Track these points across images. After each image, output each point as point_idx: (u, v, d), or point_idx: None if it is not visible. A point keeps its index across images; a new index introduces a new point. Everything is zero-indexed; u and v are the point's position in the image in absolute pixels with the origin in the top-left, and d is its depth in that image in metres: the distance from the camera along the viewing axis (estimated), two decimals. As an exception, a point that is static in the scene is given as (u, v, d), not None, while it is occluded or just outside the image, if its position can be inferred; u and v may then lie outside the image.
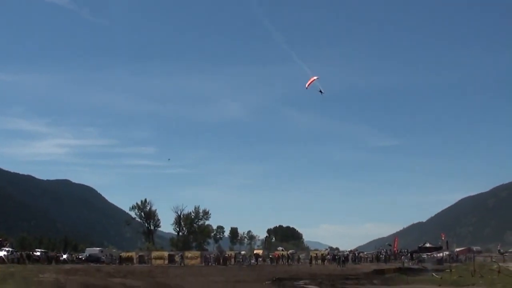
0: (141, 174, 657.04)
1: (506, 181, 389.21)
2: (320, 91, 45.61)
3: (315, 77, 45.58)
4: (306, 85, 45.43)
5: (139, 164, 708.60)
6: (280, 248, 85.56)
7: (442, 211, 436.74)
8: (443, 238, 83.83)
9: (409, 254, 71.58)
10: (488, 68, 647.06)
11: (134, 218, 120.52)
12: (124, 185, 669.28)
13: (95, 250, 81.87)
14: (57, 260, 65.49)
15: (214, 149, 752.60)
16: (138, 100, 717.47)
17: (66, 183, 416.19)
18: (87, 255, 75.07)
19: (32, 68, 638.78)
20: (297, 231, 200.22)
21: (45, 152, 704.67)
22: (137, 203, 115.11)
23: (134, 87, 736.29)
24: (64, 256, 71.31)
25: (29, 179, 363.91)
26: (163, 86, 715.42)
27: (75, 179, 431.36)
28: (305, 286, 36.41)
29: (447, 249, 70.60)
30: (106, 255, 76.78)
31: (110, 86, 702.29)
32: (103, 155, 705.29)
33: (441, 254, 63.41)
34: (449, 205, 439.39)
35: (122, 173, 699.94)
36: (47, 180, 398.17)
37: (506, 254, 58.52)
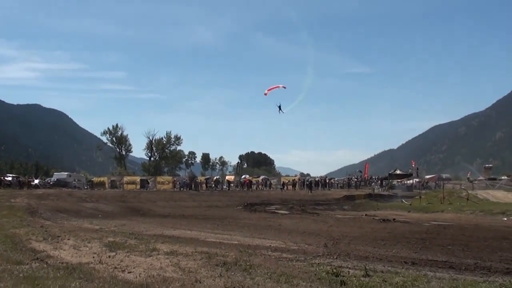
0: (112, 99, 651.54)
1: (478, 110, 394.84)
2: (279, 108, 43.56)
3: (280, 86, 43.55)
4: (266, 91, 43.20)
5: (110, 89, 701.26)
6: (246, 175, 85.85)
7: (413, 138, 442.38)
8: (413, 165, 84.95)
9: (379, 181, 72.30)
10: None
11: (106, 143, 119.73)
12: (95, 110, 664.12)
13: (63, 174, 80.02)
14: (29, 185, 65.06)
15: (185, 75, 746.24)
16: (109, 24, 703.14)
17: (36, 107, 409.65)
18: (55, 179, 74.14)
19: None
20: (269, 157, 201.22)
21: (14, 76, 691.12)
22: (108, 128, 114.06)
23: (105, 11, 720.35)
24: (36, 181, 70.68)
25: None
26: (135, 10, 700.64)
27: (45, 104, 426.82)
28: (276, 211, 36.78)
29: (417, 176, 71.64)
30: (75, 180, 76.12)
31: (81, 9, 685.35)
32: (73, 79, 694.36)
33: (411, 181, 64.16)
34: (420, 132, 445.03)
35: (93, 97, 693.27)
36: (17, 105, 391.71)
37: (475, 181, 59.46)
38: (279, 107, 43.55)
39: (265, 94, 42.97)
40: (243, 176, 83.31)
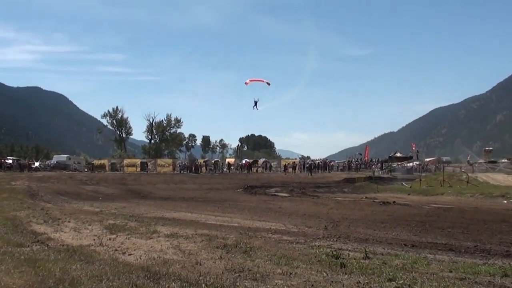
0: (112, 81, 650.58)
1: (478, 93, 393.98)
2: (255, 103, 42.83)
3: (264, 81, 42.95)
4: (248, 81, 42.45)
5: (110, 71, 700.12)
6: (246, 159, 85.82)
7: (413, 121, 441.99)
8: (413, 148, 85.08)
9: (379, 164, 72.30)
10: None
11: (106, 126, 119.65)
12: (95, 93, 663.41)
13: (63, 157, 79.61)
14: (29, 168, 65.12)
15: (185, 56, 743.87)
16: (109, 5, 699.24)
17: (36, 90, 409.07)
18: (55, 162, 73.96)
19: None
20: (269, 139, 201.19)
21: (14, 59, 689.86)
22: (108, 111, 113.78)
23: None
24: (36, 164, 70.69)
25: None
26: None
27: (45, 87, 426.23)
28: (276, 193, 36.83)
29: (417, 159, 71.74)
30: (74, 162, 75.98)
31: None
32: (73, 62, 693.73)
33: (411, 164, 64.14)
34: (420, 115, 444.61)
35: (93, 80, 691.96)
36: (17, 88, 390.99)
37: (475, 164, 59.44)
38: (256, 102, 42.94)
39: (246, 83, 42.44)
40: (244, 160, 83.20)
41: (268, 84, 42.87)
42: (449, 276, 7.66)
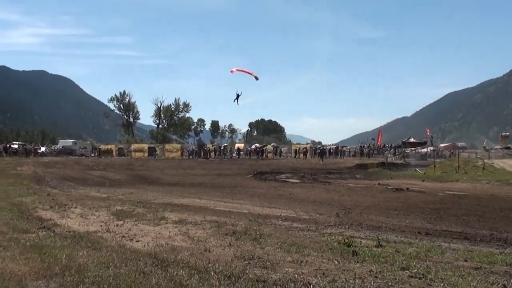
0: (119, 65, 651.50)
1: (494, 76, 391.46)
2: (237, 96, 42.44)
3: (253, 74, 42.53)
4: (234, 70, 41.97)
5: (117, 55, 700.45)
6: (256, 144, 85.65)
7: (428, 106, 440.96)
8: (428, 133, 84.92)
9: (392, 149, 72.19)
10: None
11: (113, 110, 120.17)
12: (102, 76, 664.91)
13: (69, 142, 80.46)
14: (35, 153, 65.44)
15: (194, 40, 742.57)
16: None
17: (42, 74, 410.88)
18: (60, 147, 74.06)
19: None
20: (279, 124, 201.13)
21: (19, 42, 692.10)
22: (115, 95, 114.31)
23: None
24: (42, 149, 70.91)
25: (3, 70, 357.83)
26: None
27: (51, 70, 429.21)
28: (286, 179, 36.79)
29: (432, 144, 71.63)
30: (80, 147, 76.10)
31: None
32: (79, 45, 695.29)
33: (425, 150, 64.04)
34: (435, 100, 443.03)
35: (100, 63, 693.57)
36: (23, 71, 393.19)
37: (491, 150, 59.19)
38: (238, 96, 42.66)
39: (232, 72, 42.09)
40: (253, 145, 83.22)
41: (256, 78, 42.42)
42: (464, 266, 7.64)
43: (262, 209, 16.39)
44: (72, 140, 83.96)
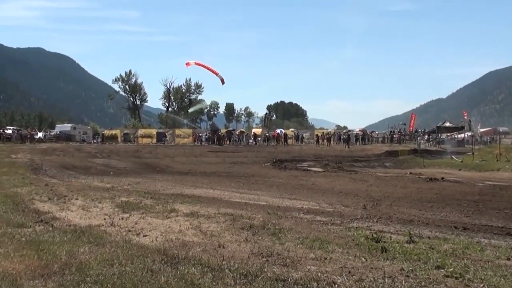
0: (124, 42, 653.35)
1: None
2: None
3: (219, 76, 41.63)
4: (192, 62, 41.14)
5: (122, 30, 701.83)
6: (278, 130, 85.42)
7: (465, 86, 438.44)
8: (465, 116, 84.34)
9: (426, 135, 71.89)
10: None
11: (118, 92, 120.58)
12: (106, 54, 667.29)
13: (67, 126, 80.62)
14: (32, 139, 65.75)
15: (206, 14, 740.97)
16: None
17: (39, 51, 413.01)
18: (57, 132, 73.96)
19: None
20: (301, 107, 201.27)
21: (13, 16, 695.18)
22: (120, 75, 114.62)
23: None
24: (40, 134, 71.10)
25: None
26: None
27: (49, 47, 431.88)
28: (308, 168, 36.76)
29: (470, 129, 71.05)
30: (80, 132, 76.09)
31: None
32: (80, 19, 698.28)
33: (462, 135, 63.59)
34: (473, 79, 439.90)
35: (103, 40, 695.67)
36: (17, 49, 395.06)
37: (538, 136, 58.70)
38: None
39: (188, 64, 41.28)
40: (278, 130, 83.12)
41: (222, 82, 41.32)
42: (507, 264, 7.60)
43: (281, 200, 16.41)
44: (70, 125, 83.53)
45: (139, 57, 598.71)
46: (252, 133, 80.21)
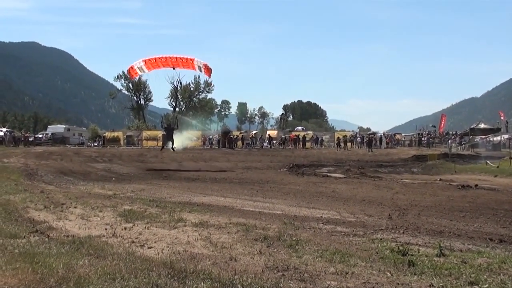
0: (127, 35, 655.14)
1: None
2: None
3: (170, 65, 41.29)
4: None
5: (124, 23, 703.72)
6: (299, 127, 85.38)
7: (501, 84, 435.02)
8: (502, 117, 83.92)
9: (458, 137, 71.69)
10: None
11: (120, 90, 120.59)
12: (107, 49, 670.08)
13: (60, 128, 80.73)
14: (26, 142, 65.98)
15: (215, 5, 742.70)
16: None
17: (33, 46, 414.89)
18: (49, 134, 73.82)
19: None
20: (320, 107, 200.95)
21: (4, 7, 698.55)
22: (123, 72, 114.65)
23: None
24: (39, 136, 71.18)
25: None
26: None
27: (44, 42, 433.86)
28: (328, 174, 36.78)
29: (507, 131, 70.70)
30: (75, 134, 76.07)
31: None
32: (79, 11, 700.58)
33: (498, 138, 63.36)
34: (510, 77, 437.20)
35: (104, 34, 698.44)
36: (10, 43, 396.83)
37: None
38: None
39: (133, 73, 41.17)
40: (296, 129, 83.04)
41: (208, 73, 40.92)
42: (547, 280, 7.57)
43: (299, 209, 16.42)
44: (63, 126, 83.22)
45: (143, 52, 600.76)
46: (267, 136, 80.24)
